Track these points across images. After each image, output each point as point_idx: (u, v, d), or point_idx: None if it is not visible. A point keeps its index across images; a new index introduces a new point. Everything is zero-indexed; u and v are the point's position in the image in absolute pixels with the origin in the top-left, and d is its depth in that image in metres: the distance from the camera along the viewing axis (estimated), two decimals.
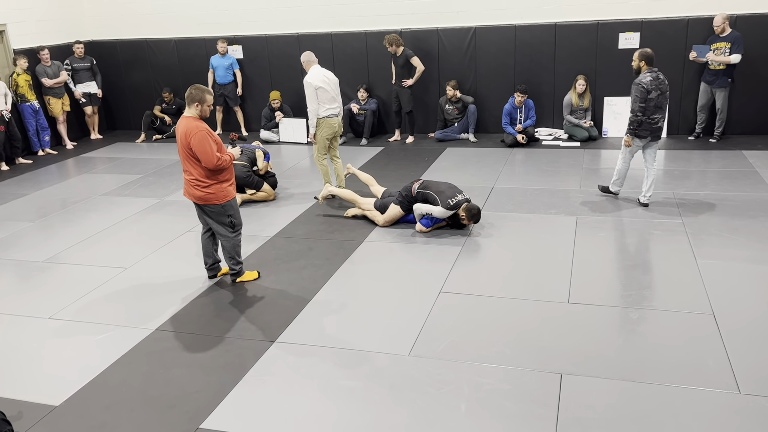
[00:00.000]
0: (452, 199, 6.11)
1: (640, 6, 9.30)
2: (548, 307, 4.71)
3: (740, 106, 9.11)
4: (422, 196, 6.26)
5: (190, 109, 4.96)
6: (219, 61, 10.86)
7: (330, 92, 7.07)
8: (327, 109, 7.08)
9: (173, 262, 5.95)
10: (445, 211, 6.08)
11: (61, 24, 11.39)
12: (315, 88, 6.96)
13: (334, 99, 7.13)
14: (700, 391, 3.66)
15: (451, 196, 6.12)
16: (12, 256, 6.31)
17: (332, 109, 7.11)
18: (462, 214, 6.14)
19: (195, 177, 4.98)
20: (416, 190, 6.30)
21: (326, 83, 7.03)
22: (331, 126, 7.16)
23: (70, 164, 9.94)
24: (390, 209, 6.43)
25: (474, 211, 6.14)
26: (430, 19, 10.15)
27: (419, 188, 6.29)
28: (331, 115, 7.12)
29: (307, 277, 5.46)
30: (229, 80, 10.97)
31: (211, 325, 4.74)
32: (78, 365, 4.30)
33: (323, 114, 7.08)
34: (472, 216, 6.14)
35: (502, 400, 3.68)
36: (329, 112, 7.11)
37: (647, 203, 6.68)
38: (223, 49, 10.78)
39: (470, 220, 6.16)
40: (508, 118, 9.50)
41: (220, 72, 10.88)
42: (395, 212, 6.41)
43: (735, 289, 4.84)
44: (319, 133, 7.17)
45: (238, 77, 11.04)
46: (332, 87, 7.11)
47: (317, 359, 4.20)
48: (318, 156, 7.33)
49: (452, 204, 6.09)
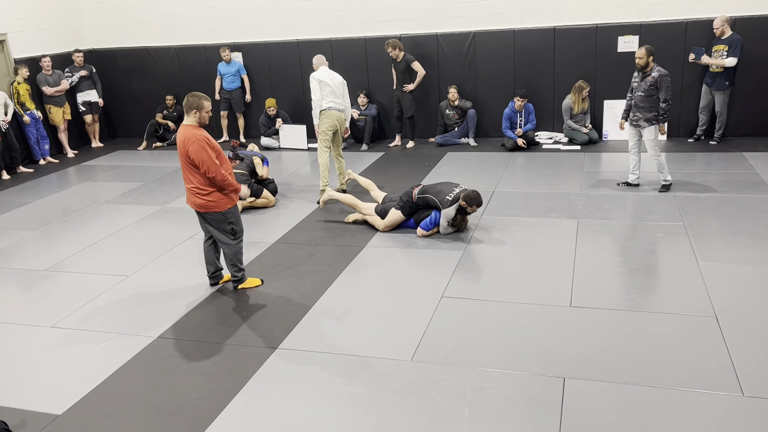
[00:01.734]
0: (449, 195, 6.13)
1: (639, 9, 9.32)
2: (550, 311, 4.70)
3: (741, 108, 9.12)
4: (423, 201, 6.27)
5: (189, 117, 4.97)
6: (226, 68, 10.92)
7: (332, 87, 7.46)
8: (328, 102, 7.45)
9: (175, 269, 5.95)
10: (448, 210, 6.10)
11: (61, 33, 11.43)
12: (318, 81, 7.40)
13: (335, 94, 7.49)
14: (704, 394, 3.65)
15: (448, 193, 6.14)
16: (14, 265, 6.32)
17: (333, 102, 7.46)
18: (463, 203, 6.12)
19: (195, 185, 4.99)
20: (416, 196, 6.30)
21: (329, 79, 7.46)
22: (331, 117, 7.44)
23: (72, 172, 9.95)
24: (390, 214, 6.43)
25: (473, 195, 6.08)
26: (429, 25, 10.18)
27: (419, 194, 6.30)
28: (331, 107, 7.44)
29: (309, 283, 5.46)
30: (236, 86, 11.03)
31: (213, 332, 4.74)
32: (80, 373, 4.30)
33: (324, 106, 7.44)
34: (473, 200, 6.08)
35: (505, 405, 3.67)
36: (330, 105, 7.45)
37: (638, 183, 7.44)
38: (227, 56, 10.82)
39: (473, 205, 6.09)
40: (508, 122, 9.51)
41: (228, 78, 10.98)
42: (396, 217, 6.42)
43: (738, 291, 4.83)
44: (321, 125, 7.46)
45: (246, 83, 11.08)
46: (336, 84, 7.50)
47: (319, 365, 4.20)
48: (320, 149, 7.49)
49: (450, 199, 6.11)
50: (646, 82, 6.90)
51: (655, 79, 6.84)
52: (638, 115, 7.06)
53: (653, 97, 6.90)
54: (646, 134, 7.06)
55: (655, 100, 6.91)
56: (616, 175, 7.91)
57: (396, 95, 9.94)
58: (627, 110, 7.24)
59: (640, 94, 6.98)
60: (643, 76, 6.95)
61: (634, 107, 7.10)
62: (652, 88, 6.87)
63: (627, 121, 7.27)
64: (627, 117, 7.26)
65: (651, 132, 7.02)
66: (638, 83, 7.02)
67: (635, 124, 7.13)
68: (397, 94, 9.91)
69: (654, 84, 6.85)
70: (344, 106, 7.58)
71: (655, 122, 6.98)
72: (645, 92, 6.92)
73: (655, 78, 6.84)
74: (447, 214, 6.14)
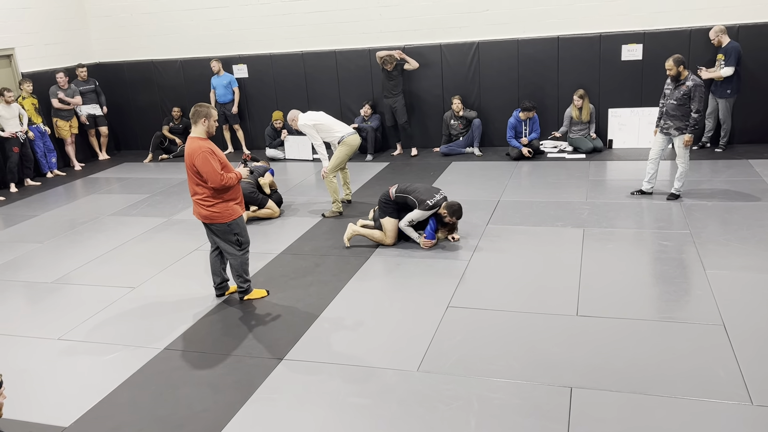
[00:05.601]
0: (430, 200, 6.13)
1: (642, 18, 9.34)
2: (557, 321, 4.69)
3: (746, 115, 9.10)
4: (402, 200, 6.27)
5: (196, 127, 4.99)
6: (218, 80, 10.96)
7: (328, 122, 7.42)
8: (339, 131, 7.41)
9: (181, 281, 5.97)
10: (423, 212, 6.11)
11: (68, 47, 11.53)
12: (312, 125, 7.33)
13: (338, 123, 7.51)
14: (712, 403, 3.62)
15: (428, 198, 6.15)
16: (21, 278, 6.35)
17: (343, 131, 7.44)
18: (443, 211, 6.15)
19: (201, 196, 5.01)
20: (394, 194, 6.30)
21: (318, 118, 7.42)
22: (350, 145, 7.42)
23: (78, 185, 10.01)
24: (384, 224, 6.36)
25: (455, 207, 6.15)
26: (432, 35, 10.22)
27: (397, 192, 6.29)
28: (344, 135, 7.40)
29: (315, 293, 5.46)
30: (228, 99, 11.05)
31: (220, 344, 4.74)
32: (87, 386, 4.31)
33: (338, 136, 7.39)
34: (454, 212, 6.15)
35: (512, 415, 3.65)
36: (342, 134, 7.41)
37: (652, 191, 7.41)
38: (215, 68, 10.85)
39: (452, 216, 6.16)
40: (513, 131, 9.52)
41: (219, 91, 10.98)
42: (390, 224, 6.34)
43: (745, 299, 4.80)
44: (339, 152, 7.40)
45: (235, 95, 11.09)
46: (327, 118, 7.49)
47: (325, 376, 4.19)
48: (329, 175, 7.40)
49: (431, 204, 6.12)
50: (680, 91, 6.83)
51: (689, 88, 6.77)
52: (669, 123, 6.99)
53: (685, 106, 6.84)
54: (678, 142, 7.01)
55: (687, 109, 6.84)
56: (622, 183, 7.90)
57: (389, 104, 9.94)
58: (660, 117, 7.15)
59: (672, 102, 6.90)
60: (677, 85, 6.87)
61: (665, 115, 7.02)
62: (685, 97, 6.81)
63: (659, 128, 7.18)
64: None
65: (682, 139, 6.97)
66: (671, 91, 6.93)
67: (666, 132, 7.07)
68: (389, 103, 9.93)
69: (687, 93, 6.79)
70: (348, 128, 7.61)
71: (686, 131, 6.93)
72: (678, 101, 6.85)
73: (689, 87, 6.77)
74: (419, 214, 6.13)
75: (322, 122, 7.39)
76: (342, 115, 10.49)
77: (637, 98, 9.59)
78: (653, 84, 9.25)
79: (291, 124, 7.55)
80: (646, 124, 9.51)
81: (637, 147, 9.59)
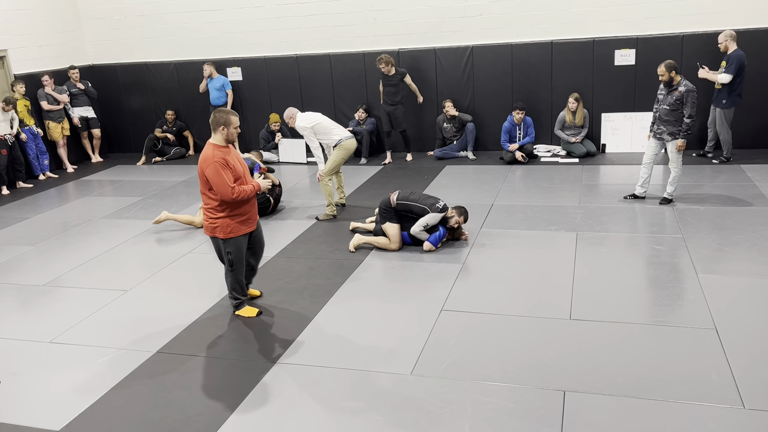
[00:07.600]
0: (438, 204, 6.28)
1: (635, 23, 9.39)
2: (550, 324, 4.69)
3: (739, 121, 9.13)
4: (404, 207, 6.30)
5: (215, 135, 4.80)
6: (211, 83, 10.93)
7: (326, 124, 7.36)
8: (337, 134, 7.36)
9: (174, 284, 5.95)
10: (436, 215, 6.21)
11: (62, 49, 11.49)
12: (310, 127, 7.24)
13: (336, 126, 7.44)
14: (704, 407, 3.63)
15: (435, 202, 6.29)
16: (13, 280, 6.31)
17: (341, 134, 7.38)
18: (451, 212, 6.29)
19: (207, 206, 4.90)
20: (395, 201, 6.33)
21: (316, 119, 7.33)
22: (347, 149, 7.37)
23: (71, 187, 9.97)
24: (387, 230, 6.36)
25: (463, 210, 6.36)
26: (427, 39, 10.24)
27: (398, 199, 6.34)
28: (342, 139, 7.35)
29: (308, 297, 5.45)
30: (222, 101, 11.00)
31: (212, 347, 4.72)
32: (79, 389, 4.28)
33: (335, 140, 7.33)
34: (462, 213, 6.33)
35: (505, 419, 3.65)
36: (340, 137, 7.35)
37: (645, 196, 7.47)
38: (207, 72, 10.82)
39: (461, 216, 6.31)
40: (507, 135, 9.55)
41: (213, 94, 10.94)
42: (394, 229, 6.36)
43: (737, 303, 4.83)
44: (336, 156, 7.34)
45: (229, 98, 11.02)
46: (325, 120, 7.41)
47: (319, 380, 4.18)
48: (324, 178, 7.38)
49: (440, 207, 6.26)
50: (672, 96, 6.88)
51: (681, 93, 6.82)
52: (662, 128, 7.04)
53: (678, 111, 6.89)
54: (671, 147, 7.05)
55: (680, 114, 6.89)
56: (615, 187, 7.93)
57: (387, 111, 9.87)
58: (653, 122, 7.20)
59: (665, 108, 6.95)
60: (669, 90, 6.92)
61: (658, 120, 7.07)
62: (677, 102, 6.86)
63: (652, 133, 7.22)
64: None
65: (675, 144, 7.01)
66: (664, 96, 6.98)
67: (659, 137, 7.11)
68: (387, 109, 9.86)
69: (680, 99, 6.84)
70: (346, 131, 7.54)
71: (679, 136, 6.97)
72: (670, 106, 6.90)
73: (682, 93, 6.82)
74: (434, 218, 6.21)
75: (321, 124, 7.32)
76: (336, 119, 10.42)
77: (630, 103, 9.64)
78: (646, 89, 9.30)
79: (288, 121, 7.43)
80: (639, 129, 9.56)
81: (630, 151, 9.64)
